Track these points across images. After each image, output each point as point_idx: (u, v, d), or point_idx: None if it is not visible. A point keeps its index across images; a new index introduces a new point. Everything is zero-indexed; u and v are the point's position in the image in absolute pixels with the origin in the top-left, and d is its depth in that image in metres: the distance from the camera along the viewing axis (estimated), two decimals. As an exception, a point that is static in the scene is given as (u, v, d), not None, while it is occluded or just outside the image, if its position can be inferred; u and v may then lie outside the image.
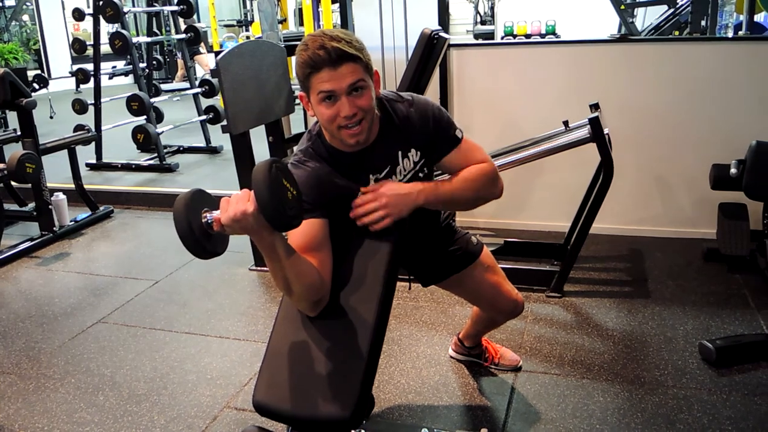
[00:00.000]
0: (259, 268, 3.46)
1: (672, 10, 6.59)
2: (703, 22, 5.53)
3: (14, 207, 4.40)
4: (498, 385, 2.32)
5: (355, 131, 1.48)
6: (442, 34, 2.96)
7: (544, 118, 3.40)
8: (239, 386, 2.40)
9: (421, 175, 1.66)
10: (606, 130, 2.73)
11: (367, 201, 1.55)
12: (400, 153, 1.61)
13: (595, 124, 2.67)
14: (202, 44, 7.95)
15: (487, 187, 1.69)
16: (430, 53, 2.91)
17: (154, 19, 6.76)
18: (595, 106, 2.82)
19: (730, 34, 3.60)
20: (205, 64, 9.73)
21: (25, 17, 13.07)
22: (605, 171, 2.73)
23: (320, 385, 1.43)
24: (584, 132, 2.73)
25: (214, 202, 1.39)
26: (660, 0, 6.82)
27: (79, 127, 4.69)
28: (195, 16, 7.37)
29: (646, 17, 7.64)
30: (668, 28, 6.60)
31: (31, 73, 8.47)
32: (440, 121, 1.63)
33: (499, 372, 2.39)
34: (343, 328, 1.51)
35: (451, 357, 2.48)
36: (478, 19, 10.32)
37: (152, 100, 5.66)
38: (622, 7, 6.57)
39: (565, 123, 2.84)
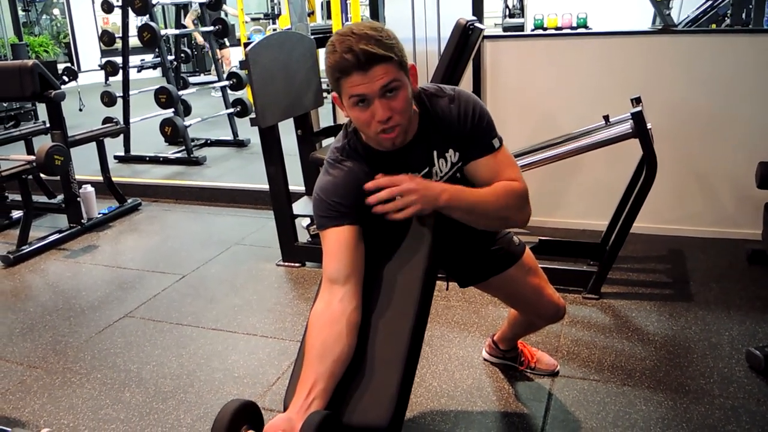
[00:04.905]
0: (286, 264, 3.40)
1: (710, 2, 6.40)
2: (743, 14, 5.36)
3: (43, 199, 4.41)
4: (534, 390, 2.23)
5: (391, 135, 1.40)
6: (478, 25, 2.86)
7: (579, 111, 3.30)
8: (267, 386, 2.34)
9: (458, 175, 1.56)
10: (648, 125, 2.62)
11: (385, 185, 1.41)
12: (435, 153, 1.52)
13: (638, 118, 2.56)
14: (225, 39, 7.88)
15: (513, 208, 1.51)
16: (465, 44, 2.82)
17: (182, 11, 6.74)
18: (636, 100, 2.70)
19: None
20: (226, 58, 9.69)
21: (56, 11, 13.23)
22: (648, 168, 2.62)
23: (357, 391, 1.37)
24: (626, 127, 2.62)
25: (258, 418, 1.38)
26: (698, -9, 6.62)
27: (107, 120, 4.70)
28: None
29: (682, 10, 7.44)
30: (705, 21, 6.40)
31: (60, 66, 8.54)
32: (481, 122, 1.50)
33: (535, 377, 2.30)
34: (380, 332, 1.44)
35: (485, 360, 2.40)
36: (507, 12, 10.17)
37: (180, 92, 5.65)
38: (659, -2, 6.39)
39: (606, 117, 2.73)
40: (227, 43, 8.76)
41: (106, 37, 6.15)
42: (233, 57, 9.78)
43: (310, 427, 1.22)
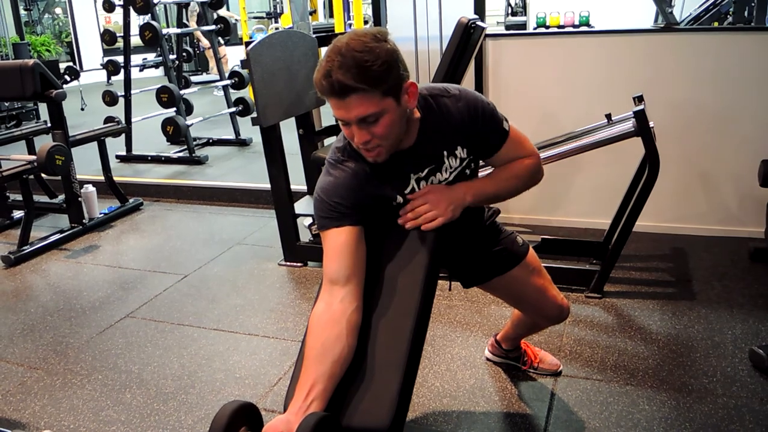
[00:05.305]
0: (288, 264, 3.39)
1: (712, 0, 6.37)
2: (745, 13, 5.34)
3: (44, 199, 4.41)
4: (537, 390, 2.22)
5: (372, 154, 1.41)
6: (480, 23, 2.85)
7: (581, 110, 3.29)
8: (268, 386, 2.34)
9: (467, 171, 1.57)
10: (651, 124, 2.61)
11: (417, 206, 1.49)
12: (445, 152, 1.51)
13: (640, 117, 2.55)
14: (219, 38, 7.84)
15: (531, 181, 1.64)
16: (467, 43, 2.81)
17: (184, 10, 6.73)
18: (639, 99, 2.69)
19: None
20: (222, 57, 9.65)
21: (58, 10, 13.23)
22: (650, 167, 2.60)
23: (357, 393, 1.36)
24: (629, 125, 2.61)
25: (257, 419, 1.36)
26: (701, -12, 6.60)
27: (109, 119, 4.69)
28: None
29: (684, 8, 7.42)
30: (708, 19, 6.38)
31: (62, 65, 8.54)
32: (492, 117, 1.52)
33: (538, 376, 2.29)
34: (381, 333, 1.43)
35: (488, 359, 2.39)
36: (510, 11, 10.15)
37: (182, 92, 5.64)
38: (661, -4, 6.36)
39: (608, 116, 2.72)
40: (221, 42, 8.75)
41: (107, 36, 6.14)
42: (231, 56, 9.75)
43: (306, 429, 1.21)
